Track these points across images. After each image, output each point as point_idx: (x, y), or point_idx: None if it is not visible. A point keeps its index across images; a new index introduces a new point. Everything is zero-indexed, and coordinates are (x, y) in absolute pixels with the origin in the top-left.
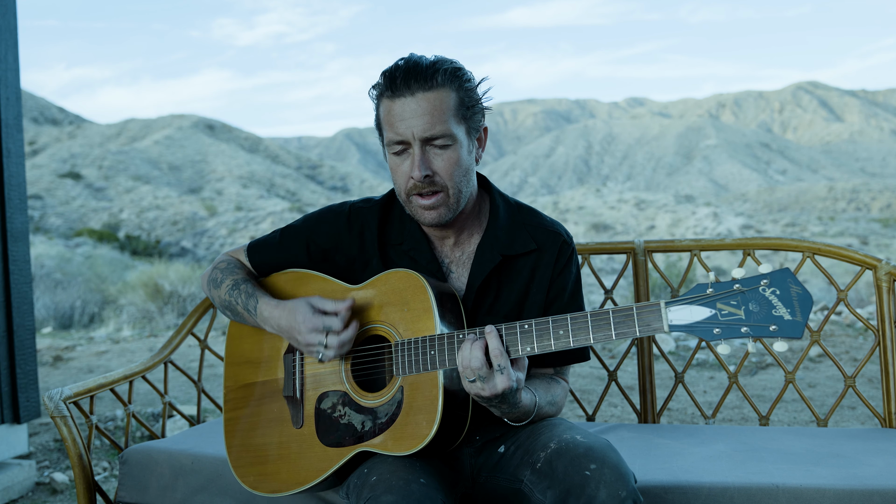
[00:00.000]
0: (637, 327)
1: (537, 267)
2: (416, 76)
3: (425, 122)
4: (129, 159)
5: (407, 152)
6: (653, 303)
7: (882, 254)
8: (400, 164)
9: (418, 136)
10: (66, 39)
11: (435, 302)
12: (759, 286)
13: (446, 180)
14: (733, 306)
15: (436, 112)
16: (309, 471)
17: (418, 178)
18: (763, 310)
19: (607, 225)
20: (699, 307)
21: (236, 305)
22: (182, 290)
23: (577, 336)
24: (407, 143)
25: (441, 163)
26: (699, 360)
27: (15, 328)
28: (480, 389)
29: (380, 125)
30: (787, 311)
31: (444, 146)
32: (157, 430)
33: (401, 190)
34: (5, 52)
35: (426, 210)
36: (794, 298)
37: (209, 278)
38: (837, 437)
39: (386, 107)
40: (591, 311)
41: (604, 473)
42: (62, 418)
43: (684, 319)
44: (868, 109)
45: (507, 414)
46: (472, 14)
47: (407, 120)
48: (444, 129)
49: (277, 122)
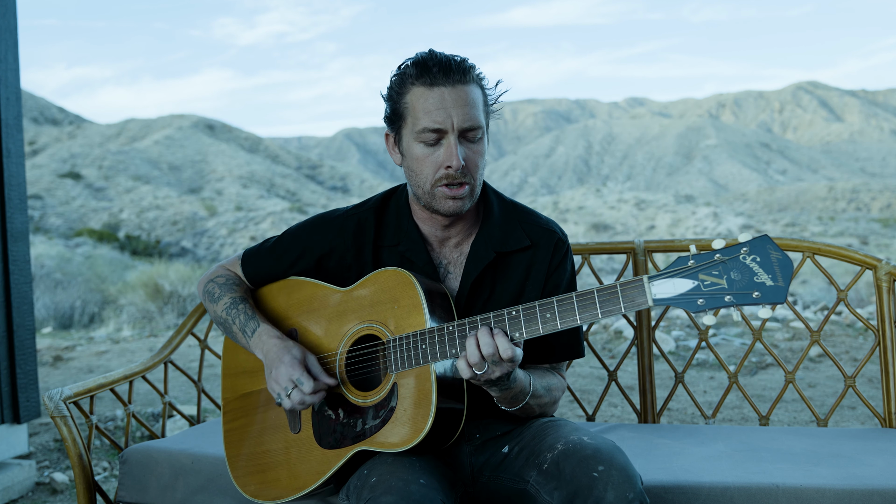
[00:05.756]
0: (622, 304)
1: (532, 264)
2: (454, 68)
3: (465, 113)
4: (129, 159)
5: (440, 143)
6: (636, 278)
7: (882, 254)
8: (430, 154)
9: (458, 125)
10: (66, 39)
11: (424, 297)
12: (739, 254)
13: (473, 172)
14: (715, 276)
15: (473, 104)
16: (309, 474)
17: (456, 168)
18: (745, 277)
19: (607, 225)
20: (682, 279)
21: (232, 325)
22: (182, 290)
23: (565, 318)
24: (443, 132)
25: (472, 155)
26: (699, 360)
27: (15, 328)
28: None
29: (401, 114)
30: (769, 277)
31: (475, 139)
32: (157, 430)
33: (426, 180)
34: (5, 52)
35: (452, 199)
36: (775, 264)
37: (205, 290)
38: (837, 437)
39: (420, 94)
40: (577, 292)
41: (612, 475)
42: (62, 418)
43: (668, 293)
44: (868, 109)
45: (503, 393)
46: (473, 13)
47: (447, 108)
48: (479, 121)
49: (277, 121)
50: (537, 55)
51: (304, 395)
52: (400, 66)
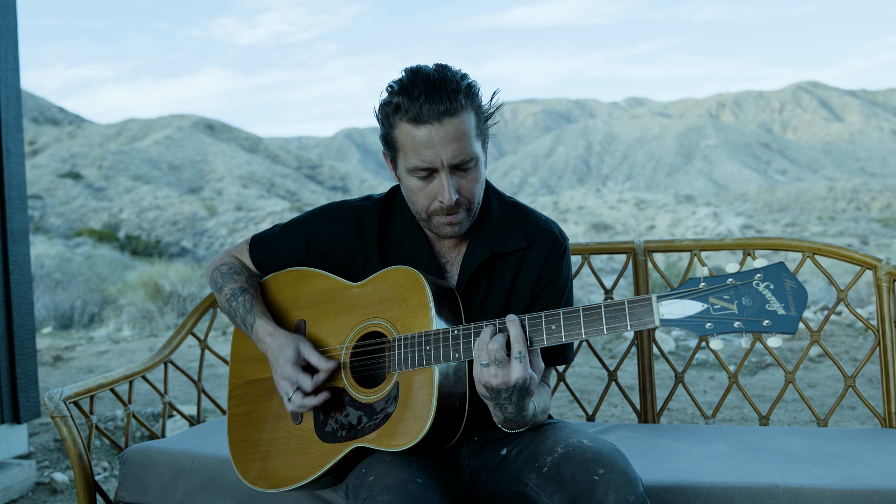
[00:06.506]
0: (628, 321)
1: (525, 263)
2: (440, 101)
3: (454, 150)
4: (129, 159)
5: (432, 176)
6: (644, 297)
7: (882, 254)
8: (423, 187)
9: (447, 163)
10: (66, 39)
11: (432, 298)
12: (752, 280)
13: (468, 197)
14: (726, 301)
15: (463, 137)
16: (306, 466)
17: (448, 203)
18: (756, 304)
19: (607, 225)
20: (691, 301)
21: (235, 316)
22: (182, 290)
23: (570, 331)
24: (433, 169)
25: (466, 184)
26: (699, 360)
27: (15, 328)
28: (493, 376)
29: (394, 144)
30: (781, 306)
31: (469, 168)
32: (157, 430)
33: (422, 209)
34: (5, 52)
35: (449, 226)
36: (789, 293)
37: (211, 278)
38: (837, 437)
39: (407, 132)
40: (583, 305)
41: (612, 478)
42: (62, 418)
43: (676, 314)
44: (868, 109)
45: (510, 416)
46: (474, 13)
47: (435, 147)
48: (471, 153)
49: (278, 121)
50: (537, 55)
51: (303, 398)
52: (388, 87)
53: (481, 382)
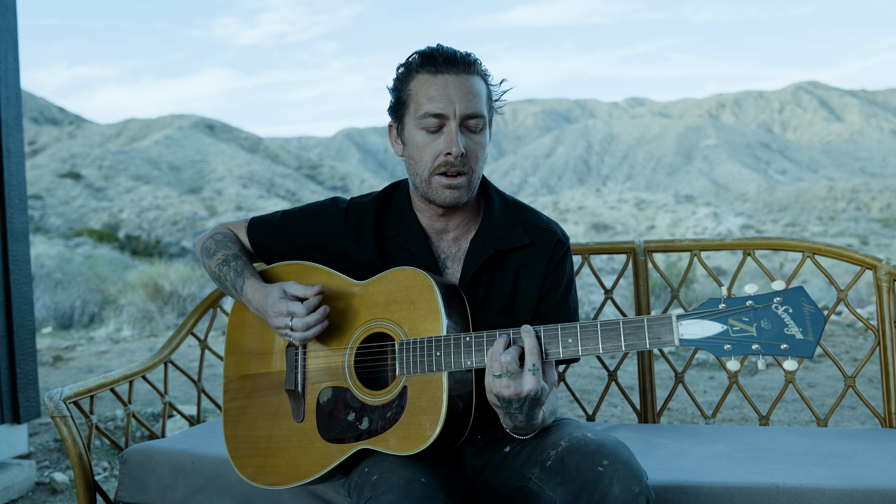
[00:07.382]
0: (647, 339)
1: (530, 263)
2: (459, 59)
3: (468, 101)
4: (129, 159)
5: (441, 130)
6: (664, 316)
7: (882, 254)
8: (430, 142)
9: (459, 112)
10: (66, 39)
11: (442, 303)
12: (771, 303)
13: (472, 163)
14: (745, 322)
15: (476, 94)
16: (309, 465)
17: (456, 154)
18: (775, 327)
19: (607, 225)
20: (711, 322)
21: (225, 280)
22: (182, 290)
23: (586, 345)
24: (444, 118)
25: (472, 145)
26: (699, 360)
27: (15, 328)
28: (505, 387)
29: (404, 101)
30: (800, 330)
31: (477, 129)
32: (157, 430)
33: (425, 168)
34: (5, 52)
35: (448, 189)
36: (807, 318)
37: (203, 246)
38: (837, 437)
39: (424, 81)
40: (602, 321)
41: (616, 469)
42: (62, 418)
43: (695, 334)
44: (868, 109)
45: (519, 425)
46: (474, 13)
47: (450, 95)
48: (481, 111)
49: (277, 121)
50: (538, 55)
51: (302, 319)
52: (407, 57)
53: (493, 392)
